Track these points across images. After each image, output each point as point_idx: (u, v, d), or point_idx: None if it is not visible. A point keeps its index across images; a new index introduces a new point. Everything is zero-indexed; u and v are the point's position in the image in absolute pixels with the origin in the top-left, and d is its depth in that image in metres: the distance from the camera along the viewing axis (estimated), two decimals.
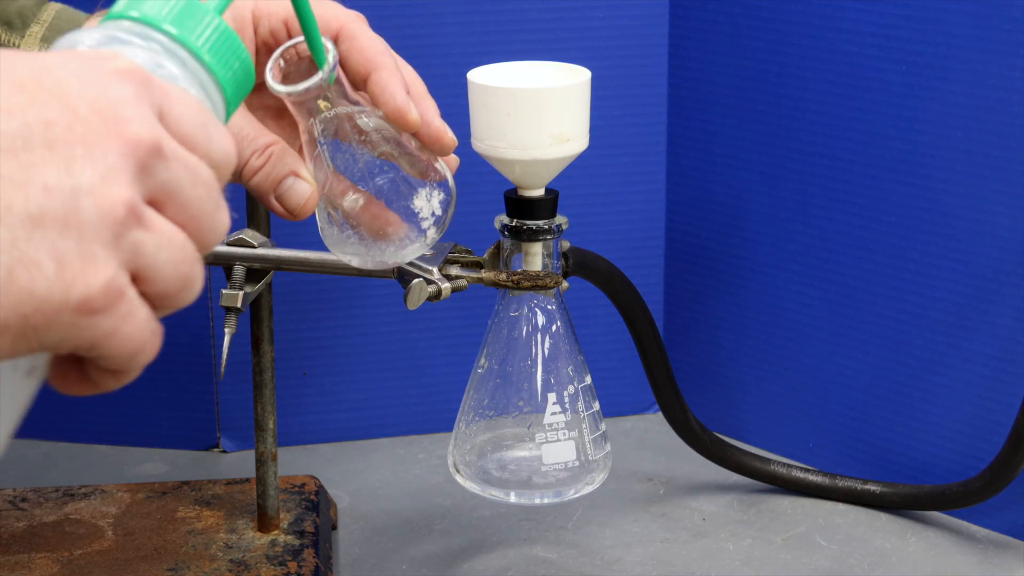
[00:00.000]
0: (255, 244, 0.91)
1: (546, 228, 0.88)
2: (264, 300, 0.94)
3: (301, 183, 0.75)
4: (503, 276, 0.89)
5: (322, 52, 0.70)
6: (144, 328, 0.47)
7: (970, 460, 1.03)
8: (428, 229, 0.77)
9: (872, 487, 1.06)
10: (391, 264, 0.79)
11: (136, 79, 0.48)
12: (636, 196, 1.15)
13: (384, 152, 0.77)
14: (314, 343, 1.14)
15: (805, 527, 1.04)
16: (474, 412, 0.92)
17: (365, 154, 0.76)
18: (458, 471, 0.92)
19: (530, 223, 0.88)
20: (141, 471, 1.12)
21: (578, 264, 0.93)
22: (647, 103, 1.14)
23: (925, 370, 1.04)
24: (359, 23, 0.78)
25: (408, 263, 0.88)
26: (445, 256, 0.89)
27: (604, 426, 0.92)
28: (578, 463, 0.90)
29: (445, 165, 0.79)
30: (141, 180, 0.47)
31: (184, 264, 0.48)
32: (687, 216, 1.15)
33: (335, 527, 1.04)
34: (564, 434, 0.90)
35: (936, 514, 1.05)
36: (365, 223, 0.77)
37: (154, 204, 0.48)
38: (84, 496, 1.02)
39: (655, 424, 1.18)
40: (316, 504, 1.01)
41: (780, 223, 1.10)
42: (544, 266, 0.89)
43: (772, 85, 1.08)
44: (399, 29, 1.05)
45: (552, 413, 0.90)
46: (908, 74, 1.01)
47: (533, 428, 0.90)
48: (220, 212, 0.49)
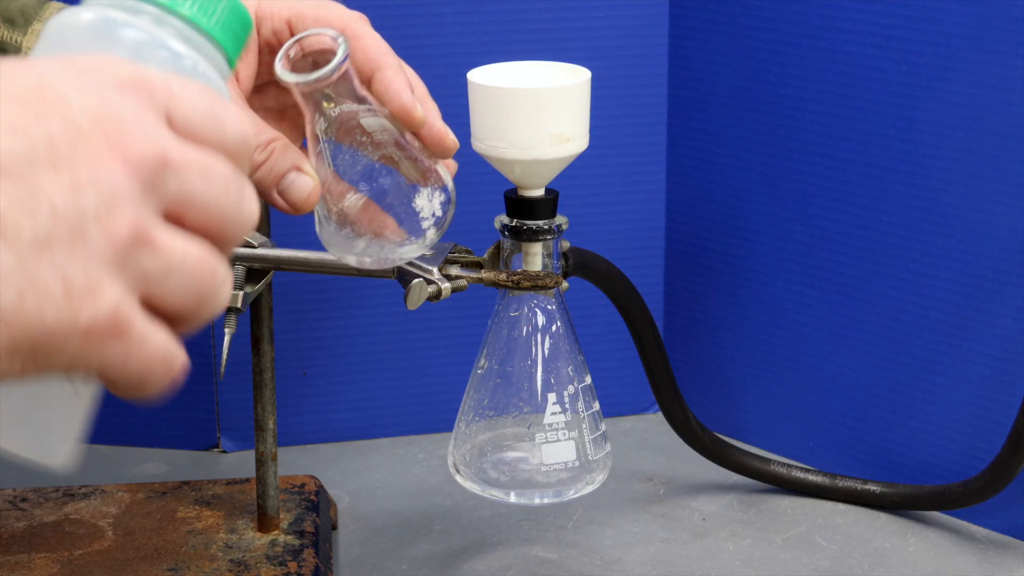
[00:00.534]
0: (255, 244, 0.91)
1: (546, 228, 0.88)
2: (264, 300, 0.94)
3: (303, 177, 0.74)
4: (503, 276, 0.89)
5: None
6: (155, 353, 0.47)
7: (970, 460, 1.03)
8: (428, 229, 0.77)
9: (872, 487, 1.06)
10: (389, 264, 0.79)
11: (138, 87, 0.47)
12: (636, 196, 1.15)
13: (387, 152, 0.77)
14: (314, 343, 1.14)
15: (805, 527, 1.04)
16: (474, 412, 0.92)
17: (368, 152, 0.76)
18: (458, 471, 0.92)
19: (530, 223, 0.88)
20: (141, 471, 1.12)
21: (578, 264, 0.93)
22: (647, 103, 1.14)
23: (925, 370, 1.04)
24: (362, 24, 0.78)
25: (408, 263, 0.88)
26: (445, 256, 0.89)
27: (604, 426, 0.92)
28: (578, 463, 0.90)
29: (445, 168, 0.79)
30: (150, 197, 0.46)
31: (200, 281, 0.47)
32: (687, 216, 1.15)
33: (335, 527, 1.04)
34: (564, 434, 0.90)
35: (936, 514, 1.05)
36: (365, 221, 0.77)
37: (172, 215, 0.47)
38: (84, 496, 1.02)
39: (655, 424, 1.18)
40: (316, 504, 1.01)
41: (780, 223, 1.10)
42: (544, 266, 0.89)
43: (772, 85, 1.08)
44: (399, 29, 1.05)
45: (552, 413, 0.90)
46: (908, 74, 1.01)
47: (533, 428, 0.90)
48: (244, 204, 0.48)
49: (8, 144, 0.44)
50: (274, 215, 0.96)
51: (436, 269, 0.88)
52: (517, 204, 0.88)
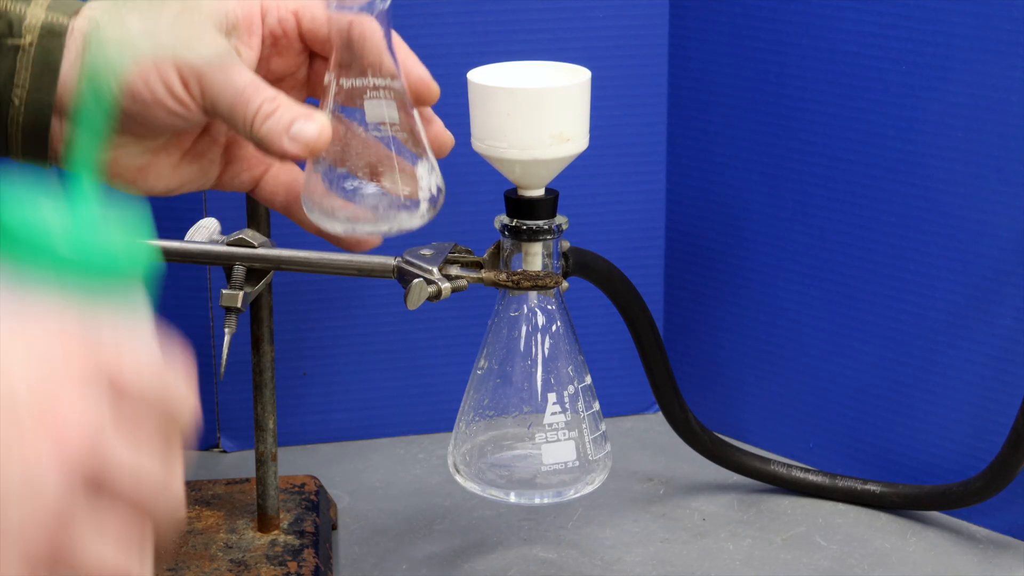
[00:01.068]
0: (255, 244, 0.91)
1: (546, 228, 0.88)
2: (264, 300, 0.94)
3: (312, 121, 0.74)
4: (503, 276, 0.89)
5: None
6: None
7: (970, 460, 1.03)
8: (424, 200, 0.77)
9: (872, 487, 1.06)
10: (379, 232, 0.78)
11: (86, 361, 0.48)
12: (636, 196, 1.15)
13: (399, 116, 0.77)
14: (314, 343, 1.14)
15: (805, 527, 1.04)
16: (474, 412, 0.92)
17: (381, 110, 0.76)
18: (458, 471, 0.92)
19: (530, 223, 0.88)
20: None
21: (578, 264, 0.93)
22: (647, 103, 1.14)
23: (925, 370, 1.04)
24: None
25: (408, 263, 0.88)
26: (445, 256, 0.89)
27: (604, 426, 0.92)
28: (578, 463, 0.90)
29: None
30: (78, 480, 0.47)
31: (121, 565, 0.49)
32: (687, 216, 1.15)
33: (335, 527, 1.04)
34: (564, 434, 0.90)
35: (936, 514, 1.05)
36: (368, 177, 0.77)
37: (101, 490, 0.48)
38: None
39: (655, 424, 1.18)
40: (316, 504, 1.01)
41: (780, 223, 1.10)
42: (544, 266, 0.89)
43: (772, 85, 1.08)
44: (399, 29, 1.04)
45: (552, 413, 0.90)
46: (908, 74, 1.01)
47: (533, 428, 0.90)
48: (168, 490, 0.50)
49: None
50: (274, 215, 0.96)
51: (436, 269, 0.88)
52: (517, 204, 0.88)
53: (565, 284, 0.91)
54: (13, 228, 0.50)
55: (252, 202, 0.94)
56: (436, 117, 0.79)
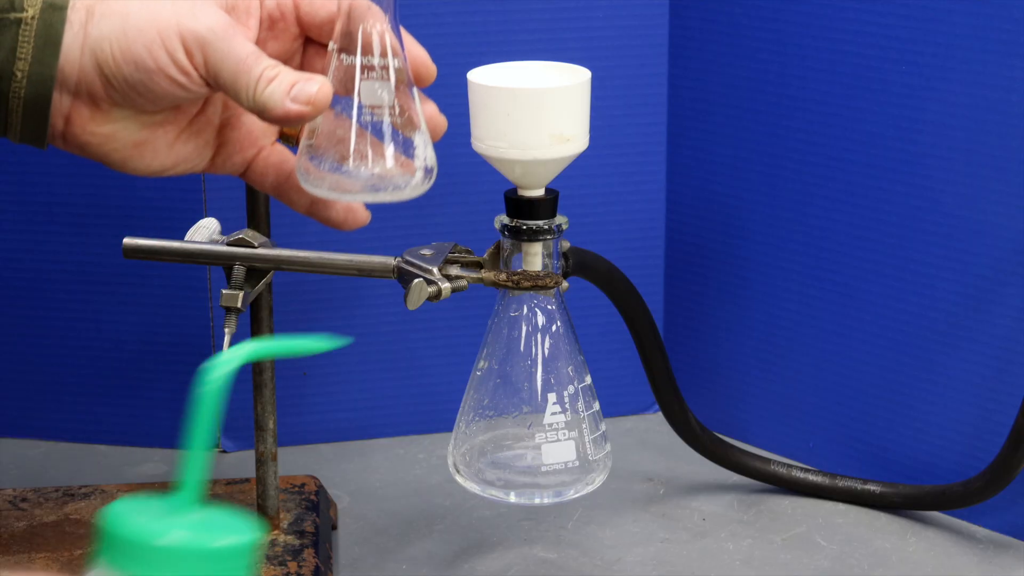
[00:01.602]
0: (255, 244, 0.91)
1: (546, 228, 0.88)
2: (264, 300, 0.94)
3: (313, 81, 0.76)
4: (503, 276, 0.89)
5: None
6: None
7: (970, 460, 1.03)
8: (419, 170, 0.78)
9: (872, 487, 1.06)
10: (372, 201, 0.79)
11: None
12: (636, 196, 1.15)
13: (399, 89, 0.78)
14: None
15: (805, 527, 1.04)
16: (474, 412, 0.92)
17: (382, 81, 0.77)
18: (458, 471, 0.92)
19: (530, 223, 0.88)
20: (141, 471, 1.12)
21: (578, 264, 0.93)
22: (647, 103, 1.14)
23: (925, 370, 1.04)
24: None
25: (408, 263, 0.88)
26: (445, 256, 0.89)
27: (604, 426, 0.92)
28: (578, 463, 0.90)
29: None
30: None
31: None
32: (687, 216, 1.15)
33: (335, 527, 1.04)
34: (564, 434, 0.90)
35: (936, 514, 1.05)
36: (365, 141, 0.77)
37: None
38: (84, 496, 1.02)
39: (655, 424, 1.18)
40: (316, 504, 1.01)
41: (780, 223, 1.10)
42: (544, 266, 0.89)
43: (772, 85, 1.08)
44: None
45: (552, 413, 0.90)
46: (908, 74, 1.01)
47: (533, 428, 0.90)
48: None
49: None
50: (274, 215, 0.96)
51: (436, 269, 0.88)
52: (517, 204, 0.88)
53: (565, 284, 0.91)
54: (131, 542, 0.52)
55: (252, 202, 0.94)
56: (430, 100, 0.80)
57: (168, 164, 0.80)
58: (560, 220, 0.89)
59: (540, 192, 0.88)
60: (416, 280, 0.87)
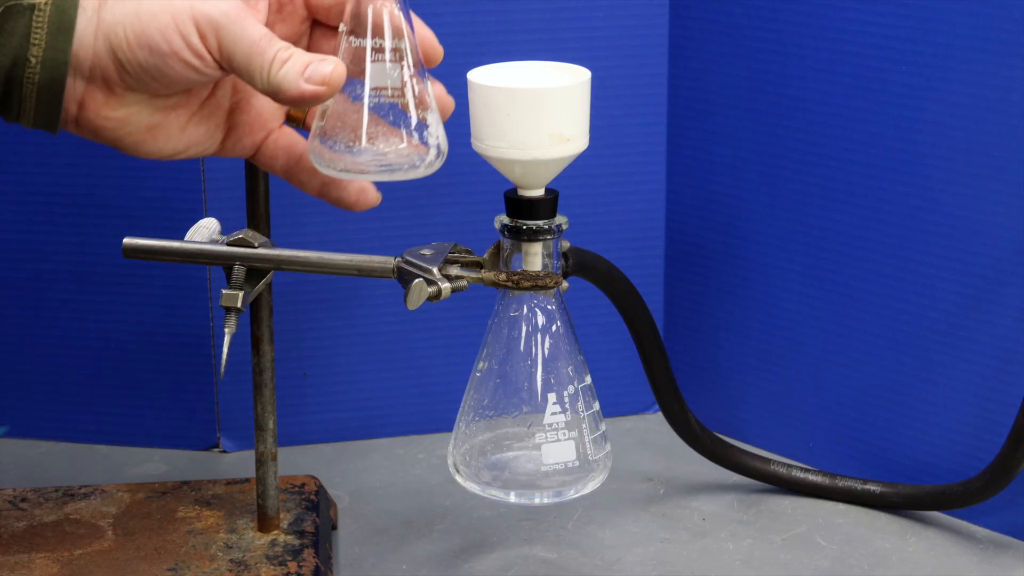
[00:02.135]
0: (255, 244, 0.91)
1: (546, 228, 0.88)
2: (264, 300, 0.94)
3: (327, 61, 0.77)
4: (503, 276, 0.89)
5: None
6: None
7: (970, 460, 1.03)
8: (431, 148, 0.79)
9: (872, 487, 1.06)
10: (383, 179, 0.79)
11: None
12: (636, 196, 1.15)
13: (412, 70, 0.79)
14: (314, 343, 1.14)
15: (805, 527, 1.04)
16: (474, 412, 0.92)
17: (393, 68, 0.78)
18: (458, 471, 0.92)
19: (530, 223, 0.88)
20: (141, 471, 1.13)
21: (578, 264, 0.93)
22: (647, 103, 1.14)
23: (925, 370, 1.04)
24: None
25: (408, 263, 0.88)
26: (445, 256, 0.89)
27: (604, 426, 0.92)
28: (578, 463, 0.90)
29: None
30: None
31: None
32: (687, 216, 1.15)
33: (335, 527, 1.04)
34: (564, 434, 0.90)
35: (936, 514, 1.05)
36: (377, 122, 0.78)
37: None
38: (84, 496, 1.02)
39: (655, 424, 1.18)
40: (316, 504, 1.01)
41: (780, 223, 1.10)
42: (544, 266, 0.89)
43: (772, 85, 1.08)
44: None
45: (552, 413, 0.90)
46: (908, 74, 1.01)
47: (533, 428, 0.90)
48: None
49: None
50: (274, 216, 0.96)
51: (436, 269, 0.88)
52: (517, 204, 0.88)
53: (565, 284, 0.91)
54: None
55: (252, 202, 0.94)
56: (438, 81, 0.82)
57: (180, 147, 0.81)
58: (560, 220, 0.89)
59: (540, 192, 0.88)
60: (416, 280, 0.87)
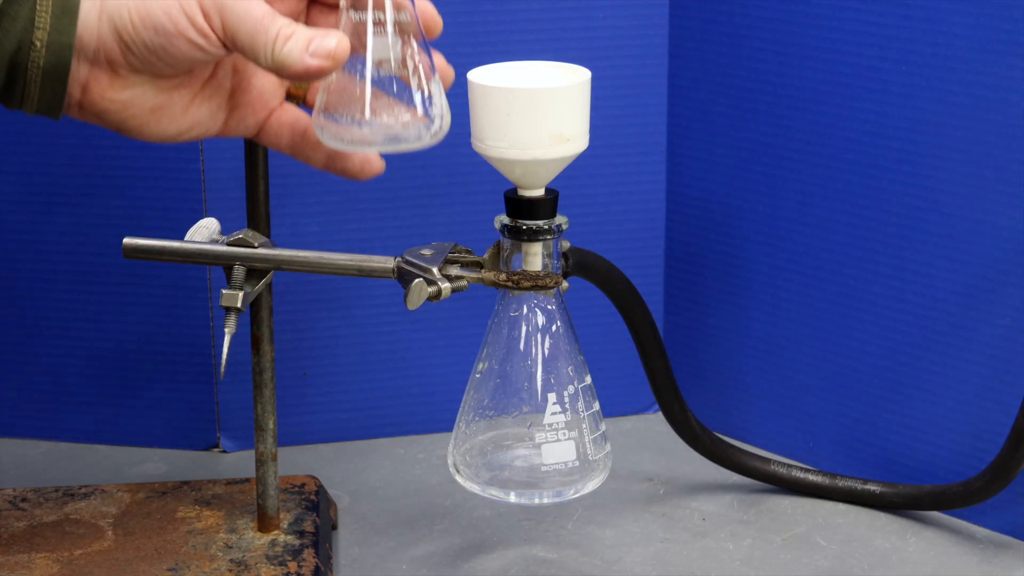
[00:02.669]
0: (255, 244, 0.91)
1: (546, 228, 0.88)
2: (264, 300, 0.94)
3: (331, 35, 0.77)
4: (503, 276, 0.89)
5: None
6: None
7: (970, 460, 1.03)
8: (435, 119, 0.80)
9: (872, 487, 1.06)
10: (387, 150, 0.80)
11: None
12: (636, 196, 1.15)
13: (413, 42, 0.79)
14: (314, 343, 1.14)
15: (805, 527, 1.04)
16: (474, 412, 0.92)
17: (394, 41, 0.79)
18: (458, 471, 0.92)
19: (530, 223, 0.88)
20: (141, 471, 1.13)
21: (578, 264, 0.93)
22: (647, 103, 1.14)
23: (925, 370, 1.04)
24: None
25: (408, 263, 0.88)
26: (445, 256, 0.89)
27: (604, 426, 0.92)
28: (578, 463, 0.90)
29: None
30: None
31: None
32: (687, 216, 1.15)
33: (335, 527, 1.04)
34: (564, 434, 0.90)
35: (936, 514, 1.05)
36: (381, 94, 0.79)
37: None
38: (84, 496, 1.02)
39: (655, 424, 1.18)
40: (316, 504, 1.01)
41: (780, 223, 1.10)
42: (544, 266, 0.89)
43: (772, 85, 1.08)
44: None
45: (552, 413, 0.90)
46: (908, 74, 1.01)
47: (533, 428, 0.90)
48: None
49: None
50: (274, 216, 0.96)
51: (436, 269, 0.88)
52: (517, 204, 0.88)
53: (565, 284, 0.91)
54: None
55: (252, 202, 0.94)
56: (438, 52, 0.82)
57: (184, 128, 0.82)
58: (560, 220, 0.89)
59: (540, 192, 0.88)
60: (416, 280, 0.87)
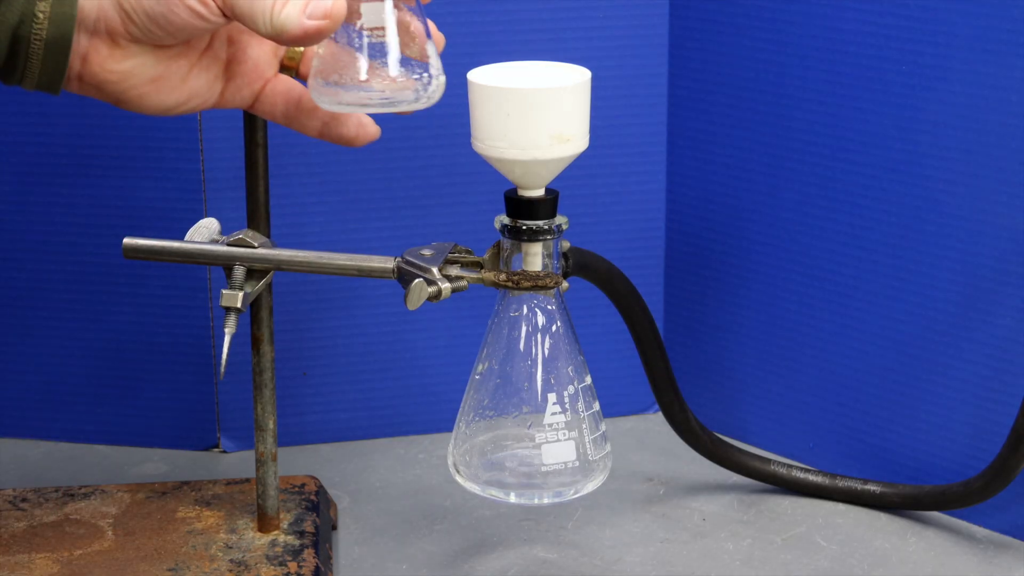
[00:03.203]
0: (255, 244, 0.91)
1: (546, 228, 0.88)
2: (264, 300, 0.94)
3: None
4: (503, 276, 0.89)
5: None
6: None
7: (970, 460, 1.03)
8: (434, 77, 0.80)
9: (872, 487, 1.06)
10: (384, 110, 0.80)
11: None
12: (636, 196, 1.15)
13: (404, 10, 0.80)
14: (314, 343, 1.14)
15: (805, 527, 1.04)
16: (474, 412, 0.92)
17: (389, 2, 0.79)
18: (458, 471, 0.92)
19: (530, 223, 0.88)
20: (141, 471, 1.13)
21: (578, 264, 0.93)
22: (647, 103, 1.14)
23: (925, 370, 1.04)
24: None
25: (408, 263, 0.88)
26: (445, 256, 0.89)
27: (604, 426, 0.92)
28: (578, 463, 0.90)
29: None
30: None
31: None
32: (687, 216, 1.15)
33: (335, 527, 1.04)
34: (564, 434, 0.90)
35: (936, 514, 1.05)
36: (376, 55, 0.79)
37: None
38: (84, 496, 1.02)
39: (655, 424, 1.18)
40: (316, 504, 1.01)
41: (780, 223, 1.10)
42: (544, 266, 0.89)
43: (772, 85, 1.08)
44: None
45: (552, 413, 0.90)
46: (908, 74, 1.01)
47: (533, 428, 0.90)
48: None
49: None
50: (274, 216, 0.96)
51: (436, 269, 0.88)
52: (517, 204, 0.88)
53: (565, 284, 0.91)
54: None
55: (252, 202, 0.94)
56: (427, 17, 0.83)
57: (182, 98, 0.83)
58: (560, 220, 0.89)
59: (540, 192, 0.88)
60: (416, 280, 0.87)
